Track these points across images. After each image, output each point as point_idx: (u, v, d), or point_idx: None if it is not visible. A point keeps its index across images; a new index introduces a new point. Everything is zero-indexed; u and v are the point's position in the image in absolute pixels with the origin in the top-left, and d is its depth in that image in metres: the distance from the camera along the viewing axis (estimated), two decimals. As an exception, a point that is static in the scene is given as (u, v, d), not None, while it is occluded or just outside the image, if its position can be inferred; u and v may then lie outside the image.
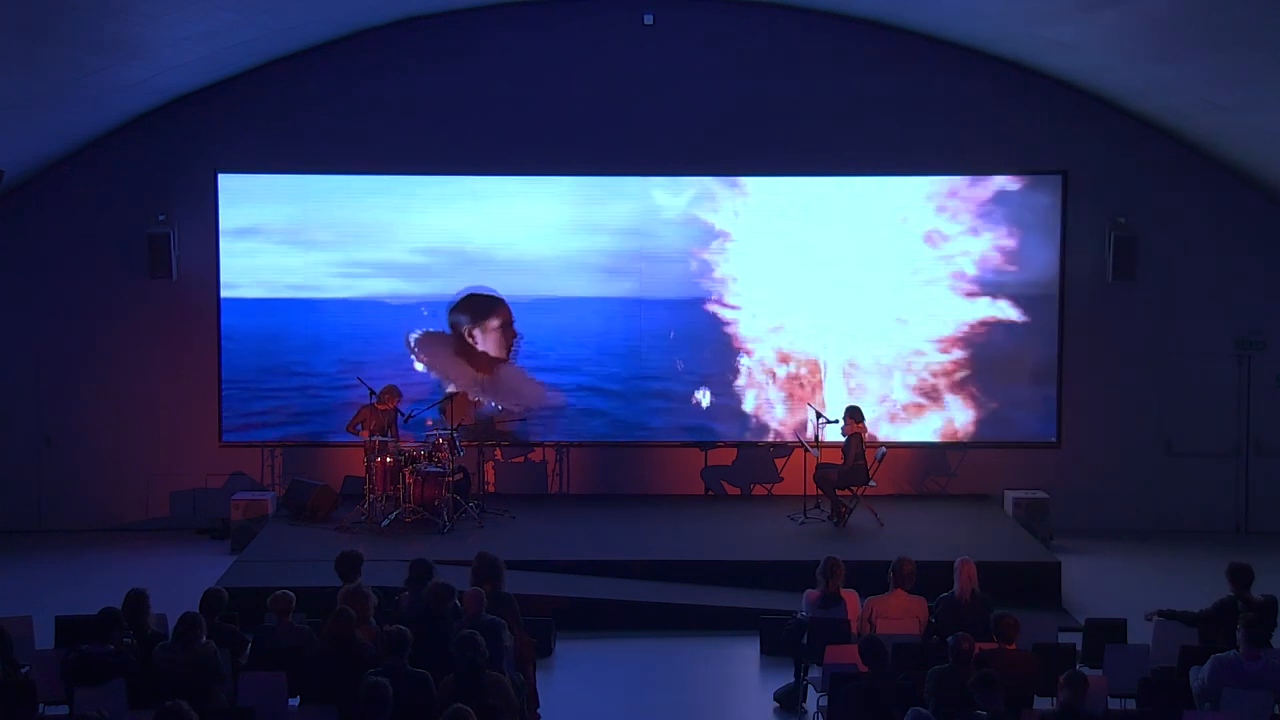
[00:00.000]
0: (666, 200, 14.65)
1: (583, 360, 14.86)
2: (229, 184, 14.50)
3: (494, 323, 14.95)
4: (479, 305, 15.01)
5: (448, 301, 14.81)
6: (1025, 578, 12.11)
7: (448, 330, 14.89)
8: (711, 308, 14.72)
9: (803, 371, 14.72)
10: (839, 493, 13.59)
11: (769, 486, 15.02)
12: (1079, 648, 9.42)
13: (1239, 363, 14.92)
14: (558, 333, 14.84)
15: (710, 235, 14.67)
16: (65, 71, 12.23)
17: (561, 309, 14.77)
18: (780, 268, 14.68)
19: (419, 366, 14.83)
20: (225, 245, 14.52)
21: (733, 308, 14.70)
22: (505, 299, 14.87)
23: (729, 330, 14.72)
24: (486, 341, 14.94)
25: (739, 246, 14.68)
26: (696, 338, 14.77)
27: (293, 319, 14.70)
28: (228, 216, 14.50)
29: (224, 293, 14.58)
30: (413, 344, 14.87)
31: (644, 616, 11.77)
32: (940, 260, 14.63)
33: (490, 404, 14.85)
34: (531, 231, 14.67)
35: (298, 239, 14.63)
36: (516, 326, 14.88)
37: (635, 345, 14.79)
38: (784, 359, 14.73)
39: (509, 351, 14.97)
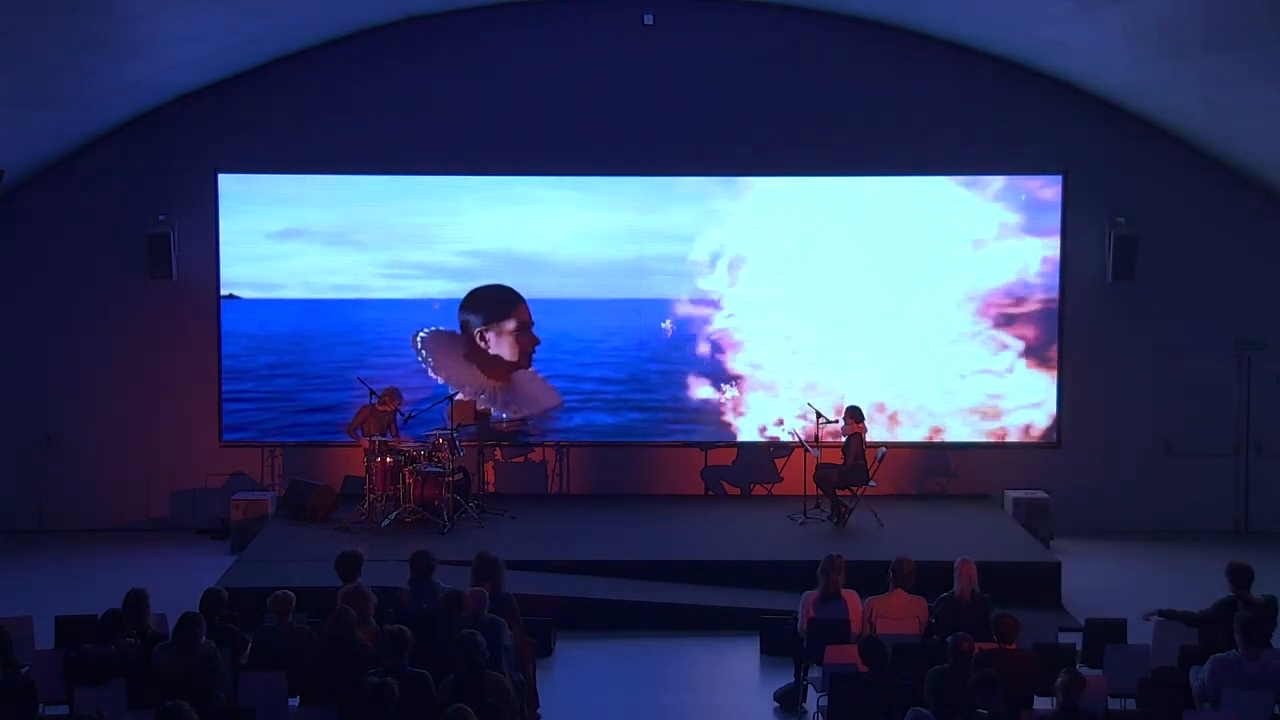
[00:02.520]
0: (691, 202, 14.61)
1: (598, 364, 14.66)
2: (276, 186, 14.43)
3: (510, 324, 14.51)
4: (494, 303, 14.56)
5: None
6: (1025, 578, 12.09)
7: (458, 330, 14.68)
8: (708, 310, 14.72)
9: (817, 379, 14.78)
10: (839, 493, 13.58)
11: (769, 486, 15.02)
12: (1079, 648, 9.41)
13: (1239, 363, 14.92)
14: (586, 336, 14.58)
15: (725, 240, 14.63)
16: (65, 71, 12.23)
17: (582, 311, 14.55)
18: (792, 271, 14.65)
19: (430, 372, 14.49)
20: (271, 247, 14.40)
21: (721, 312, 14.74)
22: (525, 296, 14.47)
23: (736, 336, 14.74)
24: (501, 345, 14.48)
25: (760, 249, 14.65)
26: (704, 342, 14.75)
27: (334, 319, 14.52)
28: (270, 218, 14.43)
29: (264, 294, 14.49)
30: (419, 345, 14.56)
31: (644, 616, 11.76)
32: (940, 260, 14.63)
33: (497, 413, 14.39)
34: (569, 234, 14.47)
35: (343, 240, 14.44)
36: (536, 330, 14.51)
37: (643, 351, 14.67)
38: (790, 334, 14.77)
39: (527, 357, 14.56)
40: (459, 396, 14.18)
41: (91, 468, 14.79)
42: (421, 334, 14.59)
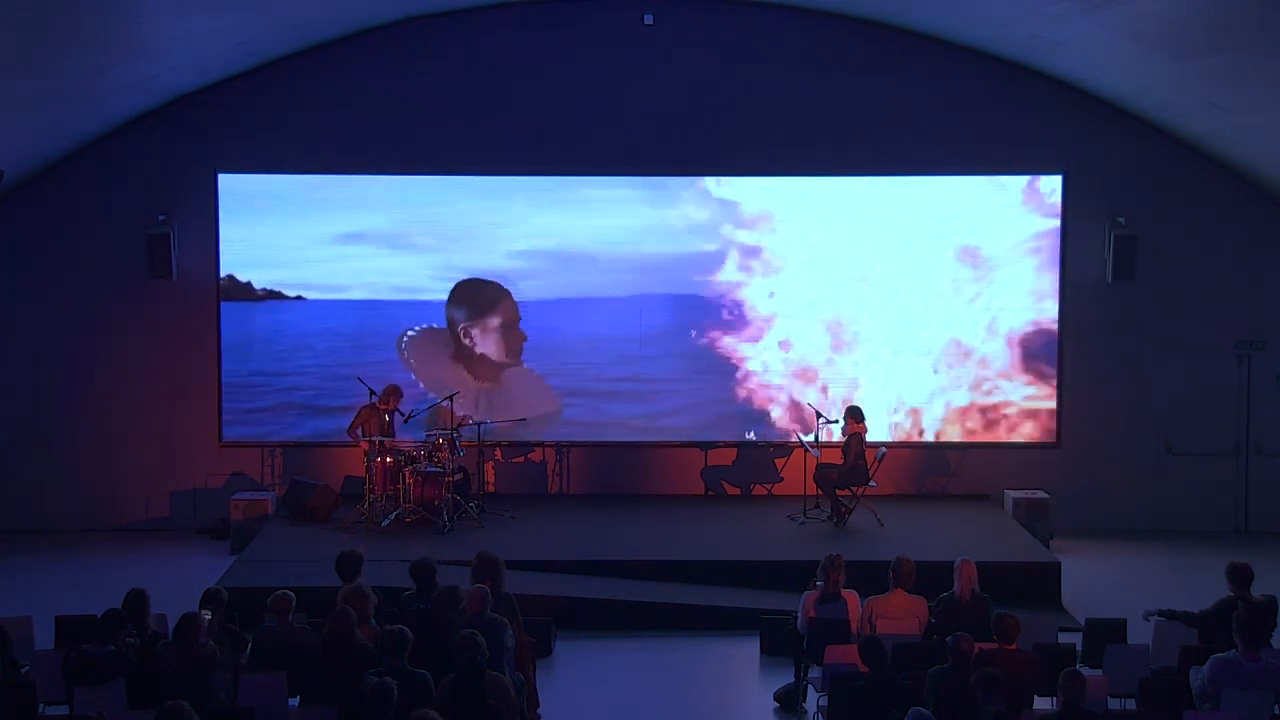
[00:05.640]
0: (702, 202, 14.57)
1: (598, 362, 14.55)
2: (324, 189, 14.40)
3: (494, 321, 14.37)
4: (476, 298, 14.43)
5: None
6: (1025, 578, 12.10)
7: (445, 326, 14.52)
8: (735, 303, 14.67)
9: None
10: (839, 493, 13.58)
11: (769, 486, 15.02)
12: (1079, 648, 9.42)
13: (1239, 363, 14.92)
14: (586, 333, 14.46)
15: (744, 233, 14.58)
16: (65, 71, 12.23)
17: (585, 309, 14.47)
18: (805, 266, 14.65)
19: (414, 377, 14.28)
20: (330, 249, 14.35)
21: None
22: (510, 290, 14.31)
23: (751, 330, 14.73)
24: (487, 343, 14.38)
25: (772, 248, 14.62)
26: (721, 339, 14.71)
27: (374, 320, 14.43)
28: (329, 221, 14.39)
29: (328, 295, 14.46)
30: (403, 348, 14.40)
31: (644, 616, 11.76)
32: (939, 260, 14.64)
33: (485, 421, 14.00)
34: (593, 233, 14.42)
35: (400, 243, 14.32)
36: (523, 326, 14.36)
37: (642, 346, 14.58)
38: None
39: (515, 355, 14.42)
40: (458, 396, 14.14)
41: (91, 468, 14.78)
42: (408, 334, 14.46)
